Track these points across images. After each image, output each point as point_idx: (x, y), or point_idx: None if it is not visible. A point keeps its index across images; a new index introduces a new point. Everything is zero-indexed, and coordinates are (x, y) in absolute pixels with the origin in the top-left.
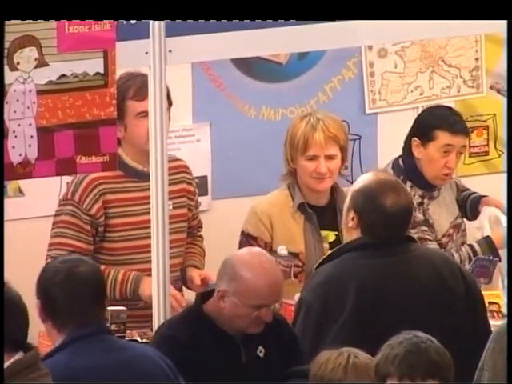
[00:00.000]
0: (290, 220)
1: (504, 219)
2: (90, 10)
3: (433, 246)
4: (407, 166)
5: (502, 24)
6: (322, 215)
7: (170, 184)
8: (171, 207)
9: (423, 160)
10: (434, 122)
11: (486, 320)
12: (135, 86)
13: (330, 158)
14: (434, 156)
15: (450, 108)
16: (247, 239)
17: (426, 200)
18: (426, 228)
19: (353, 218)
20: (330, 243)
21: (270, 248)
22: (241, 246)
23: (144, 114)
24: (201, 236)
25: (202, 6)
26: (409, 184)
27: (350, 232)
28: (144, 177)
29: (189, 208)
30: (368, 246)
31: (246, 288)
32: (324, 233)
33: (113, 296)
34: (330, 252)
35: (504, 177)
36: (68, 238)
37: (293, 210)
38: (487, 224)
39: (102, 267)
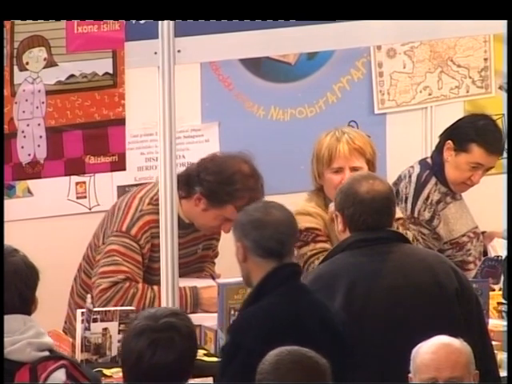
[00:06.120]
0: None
1: None
2: (99, 10)
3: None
4: (435, 164)
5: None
6: None
7: None
8: (200, 251)
9: (450, 164)
10: (473, 134)
11: (482, 321)
12: None
13: (355, 169)
14: (462, 167)
15: (494, 122)
16: (311, 233)
17: (448, 198)
18: (426, 231)
19: (339, 220)
20: None
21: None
22: (305, 242)
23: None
24: (213, 262)
25: (211, 6)
26: (434, 179)
27: (341, 236)
28: (188, 228)
29: (213, 249)
30: (358, 243)
31: None
32: None
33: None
34: (326, 254)
35: (504, 178)
36: (124, 267)
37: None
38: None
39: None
